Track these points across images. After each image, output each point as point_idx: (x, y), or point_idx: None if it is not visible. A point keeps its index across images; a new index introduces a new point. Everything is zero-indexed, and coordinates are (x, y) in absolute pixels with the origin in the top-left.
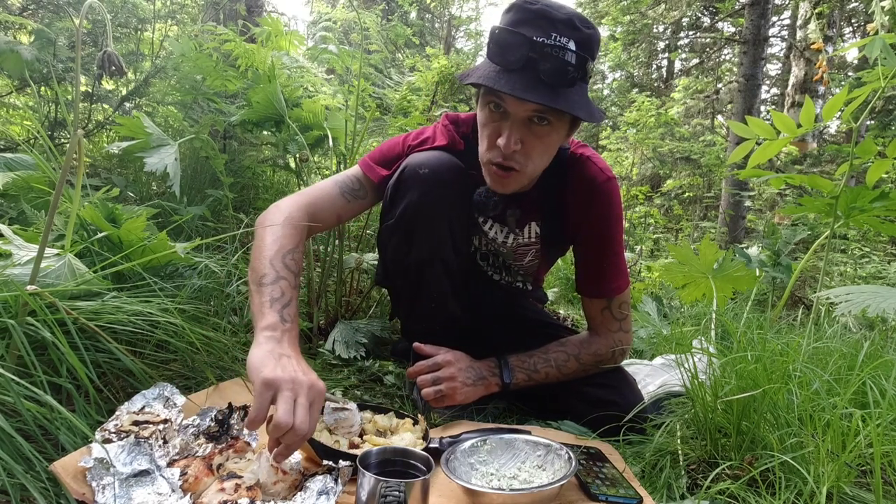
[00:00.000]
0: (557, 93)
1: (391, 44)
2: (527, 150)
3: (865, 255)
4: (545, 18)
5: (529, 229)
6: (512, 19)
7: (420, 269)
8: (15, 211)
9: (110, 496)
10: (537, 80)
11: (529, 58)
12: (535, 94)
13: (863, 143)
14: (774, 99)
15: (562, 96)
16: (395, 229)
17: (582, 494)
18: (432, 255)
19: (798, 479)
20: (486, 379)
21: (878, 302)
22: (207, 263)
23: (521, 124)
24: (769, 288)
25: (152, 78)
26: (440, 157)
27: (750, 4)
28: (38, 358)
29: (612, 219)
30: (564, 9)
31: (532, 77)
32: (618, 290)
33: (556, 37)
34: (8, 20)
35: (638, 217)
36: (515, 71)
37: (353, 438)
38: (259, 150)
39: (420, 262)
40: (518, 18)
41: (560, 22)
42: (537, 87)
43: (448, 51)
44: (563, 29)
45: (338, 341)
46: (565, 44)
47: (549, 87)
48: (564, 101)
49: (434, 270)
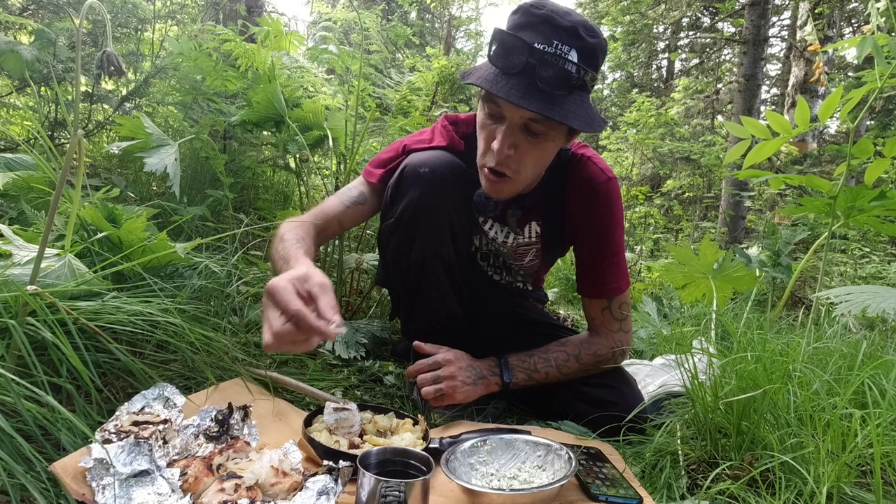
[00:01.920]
0: (554, 101)
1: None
2: (520, 156)
3: (865, 255)
4: (549, 25)
5: (530, 229)
6: (516, 23)
7: (420, 268)
8: (15, 211)
9: (110, 496)
10: (535, 87)
11: (528, 63)
12: (531, 101)
13: (860, 142)
14: (774, 99)
15: (558, 105)
16: (395, 228)
17: (582, 495)
18: (433, 254)
19: (798, 479)
20: (485, 378)
21: (878, 302)
22: (207, 264)
23: (517, 130)
24: (769, 288)
25: (152, 78)
26: (441, 157)
27: (750, 5)
28: (39, 358)
29: (612, 219)
30: (571, 16)
31: (529, 83)
32: (618, 291)
33: (557, 44)
34: (8, 20)
35: (638, 217)
36: (514, 75)
37: (353, 438)
38: (259, 151)
39: (420, 260)
40: (522, 22)
41: (564, 29)
42: (534, 94)
43: (448, 51)
44: (565, 37)
45: (338, 341)
46: (566, 52)
47: (547, 95)
48: (560, 109)
49: (434, 269)
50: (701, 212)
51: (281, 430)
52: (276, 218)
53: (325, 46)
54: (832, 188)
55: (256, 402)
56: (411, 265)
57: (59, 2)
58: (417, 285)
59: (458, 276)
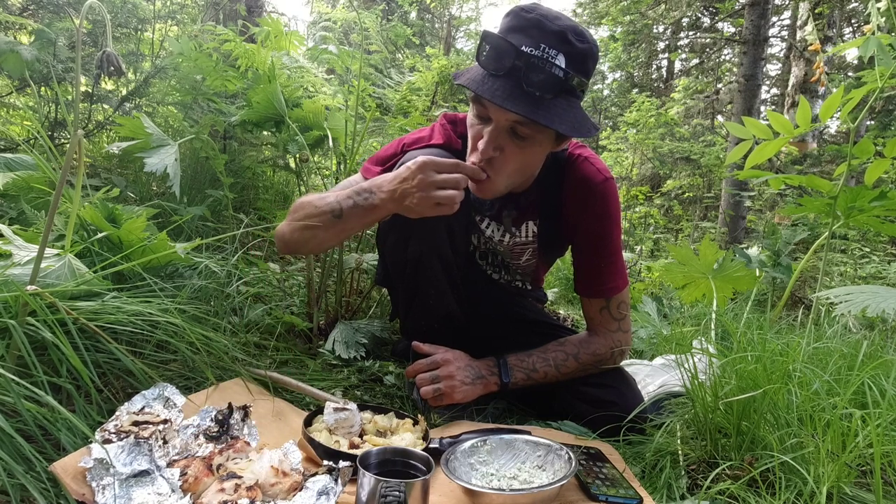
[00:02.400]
0: (540, 104)
1: (391, 44)
2: (505, 158)
3: (865, 255)
4: (538, 28)
5: (526, 228)
6: (507, 25)
7: (417, 264)
8: (15, 211)
9: (110, 496)
10: (520, 90)
11: (515, 66)
12: (516, 104)
13: (860, 142)
14: (774, 99)
15: (543, 108)
16: (392, 225)
17: (582, 495)
18: (429, 251)
19: (798, 479)
20: (484, 378)
21: (878, 302)
22: (207, 264)
23: (503, 132)
24: (769, 288)
25: (152, 78)
26: (438, 154)
27: (750, 5)
28: (39, 358)
29: (610, 219)
30: (560, 20)
31: (515, 86)
32: (616, 290)
33: (545, 48)
34: (8, 20)
35: (638, 217)
36: (500, 77)
37: (354, 438)
38: (259, 151)
39: (417, 256)
40: (512, 25)
41: (552, 34)
42: (519, 97)
43: (448, 51)
44: (553, 41)
45: (338, 341)
46: (553, 56)
47: (533, 98)
48: (546, 113)
49: (431, 265)
50: (701, 212)
51: (281, 430)
52: (276, 218)
53: (325, 46)
54: (832, 188)
55: (256, 402)
56: (408, 262)
57: (59, 2)
58: (415, 283)
59: (456, 274)
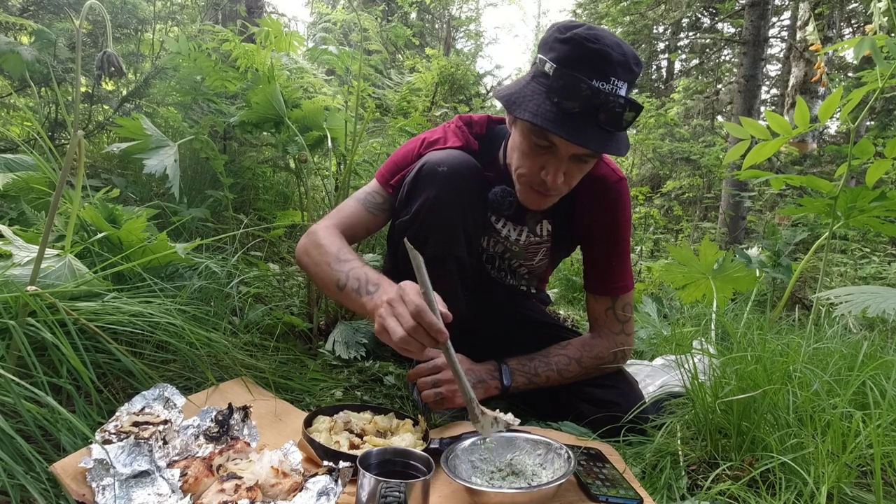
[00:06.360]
0: (610, 136)
1: (391, 44)
2: (567, 183)
3: (865, 255)
4: (605, 61)
5: (542, 227)
6: (569, 55)
7: (433, 266)
8: (15, 212)
9: (110, 497)
10: (595, 127)
11: (591, 104)
12: (595, 142)
13: (860, 143)
14: (774, 99)
15: (614, 140)
16: (410, 225)
17: (582, 495)
18: (447, 252)
19: (798, 479)
20: (485, 382)
21: (878, 302)
22: (208, 264)
23: (567, 160)
24: (769, 288)
25: (152, 79)
26: (459, 157)
27: (750, 5)
28: (39, 359)
29: (623, 218)
30: (620, 47)
31: (590, 123)
32: (624, 289)
33: (614, 80)
34: (8, 20)
35: (638, 218)
36: (573, 114)
37: (354, 439)
38: (259, 151)
39: (434, 258)
40: (576, 56)
41: (619, 65)
42: (595, 134)
43: (448, 51)
44: (620, 73)
45: (338, 342)
46: (620, 87)
47: (606, 133)
48: (615, 144)
49: (448, 267)
50: (701, 212)
51: (281, 431)
52: (275, 218)
53: (324, 47)
54: (833, 189)
55: (256, 403)
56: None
57: (59, 2)
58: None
59: (469, 277)
